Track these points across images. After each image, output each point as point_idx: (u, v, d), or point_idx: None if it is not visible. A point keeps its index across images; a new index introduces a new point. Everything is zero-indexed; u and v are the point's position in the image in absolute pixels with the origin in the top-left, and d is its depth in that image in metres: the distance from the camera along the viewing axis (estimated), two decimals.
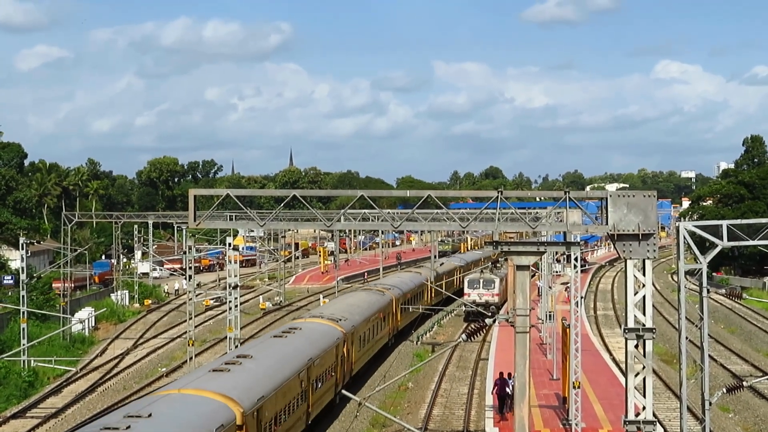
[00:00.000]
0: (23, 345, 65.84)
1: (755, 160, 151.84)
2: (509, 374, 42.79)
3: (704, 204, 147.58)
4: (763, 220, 33.42)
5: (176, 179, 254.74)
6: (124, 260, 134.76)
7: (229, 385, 33.43)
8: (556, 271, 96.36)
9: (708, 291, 31.63)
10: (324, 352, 46.62)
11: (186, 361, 63.62)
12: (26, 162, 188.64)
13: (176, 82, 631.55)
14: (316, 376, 44.40)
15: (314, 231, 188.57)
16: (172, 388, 33.78)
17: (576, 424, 40.42)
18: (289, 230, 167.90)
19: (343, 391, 36.51)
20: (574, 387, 40.74)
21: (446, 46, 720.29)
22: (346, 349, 52.34)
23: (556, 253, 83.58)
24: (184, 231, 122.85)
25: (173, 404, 30.69)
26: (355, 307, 61.01)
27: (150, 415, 28.08)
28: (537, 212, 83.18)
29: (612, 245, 29.40)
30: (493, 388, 45.66)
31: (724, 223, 31.55)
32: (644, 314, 28.51)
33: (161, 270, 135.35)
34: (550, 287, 66.27)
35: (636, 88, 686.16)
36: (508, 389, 43.54)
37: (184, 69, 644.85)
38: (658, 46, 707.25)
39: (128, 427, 26.72)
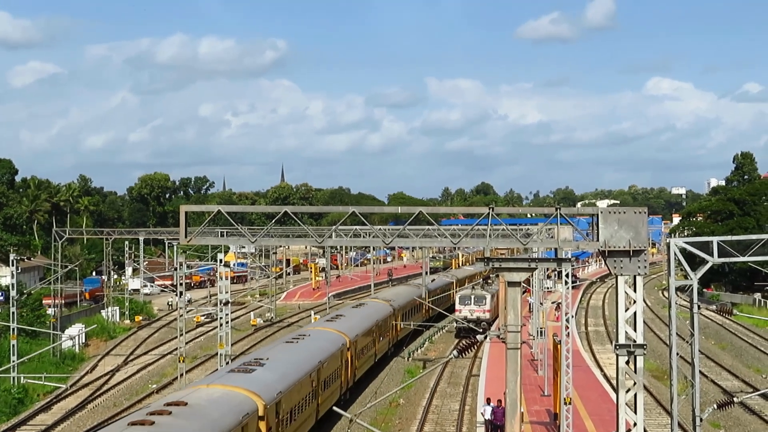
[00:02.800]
0: (13, 362, 65.65)
1: (746, 176, 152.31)
2: None
3: (694, 220, 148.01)
4: (753, 237, 33.57)
5: (167, 195, 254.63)
6: (115, 277, 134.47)
7: (340, 327, 58.24)
8: (548, 287, 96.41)
9: (699, 307, 31.71)
10: (384, 318, 71.44)
11: (177, 377, 63.49)
12: (17, 178, 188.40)
13: (171, 98, 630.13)
14: (379, 333, 68.80)
15: (305, 247, 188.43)
16: (309, 327, 61.43)
17: None
18: (281, 246, 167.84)
19: (334, 408, 36.49)
20: (565, 403, 40.74)
21: (440, 62, 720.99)
22: (394, 320, 75.58)
23: (548, 269, 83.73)
24: (175, 247, 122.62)
25: (316, 334, 54.70)
26: (400, 294, 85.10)
27: (310, 335, 53.02)
28: (528, 228, 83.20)
29: (603, 261, 29.45)
30: (491, 417, 44.61)
31: (715, 239, 31.68)
32: (635, 330, 28.55)
33: (152, 286, 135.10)
34: (541, 303, 66.31)
35: (629, 104, 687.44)
36: None
37: (179, 85, 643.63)
38: (652, 63, 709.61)
39: (303, 339, 51.56)
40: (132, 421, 29.40)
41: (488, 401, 45.49)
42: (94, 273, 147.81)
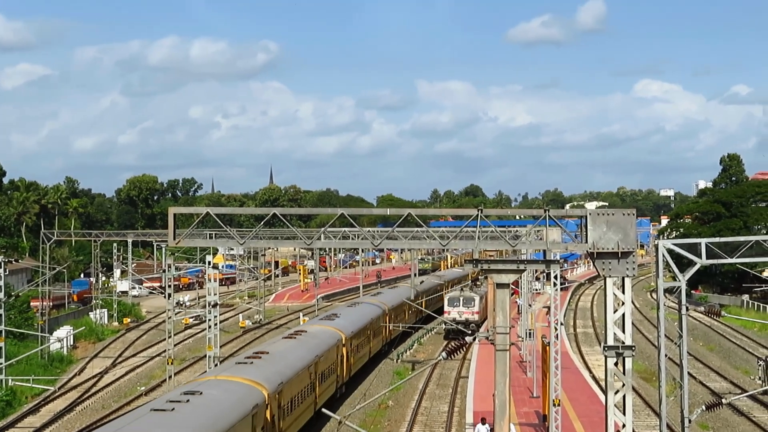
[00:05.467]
0: (1, 364, 65.39)
1: (733, 178, 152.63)
2: None
3: (682, 221, 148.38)
4: (741, 238, 33.65)
5: (155, 197, 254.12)
6: (103, 279, 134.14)
7: (381, 300, 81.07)
8: (536, 289, 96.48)
9: (687, 309, 31.78)
10: (409, 297, 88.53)
11: (165, 379, 63.36)
12: (5, 180, 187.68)
13: (162, 100, 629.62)
14: (408, 308, 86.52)
15: (294, 249, 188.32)
16: (360, 299, 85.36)
17: None
18: (269, 248, 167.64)
19: (323, 410, 36.46)
20: (554, 405, 40.79)
21: (431, 65, 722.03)
22: (420, 300, 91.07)
23: (536, 271, 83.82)
24: (163, 249, 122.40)
25: (365, 304, 76.51)
26: (428, 281, 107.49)
27: (362, 303, 76.71)
28: (517, 230, 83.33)
29: (591, 263, 29.49)
30: None
31: (703, 241, 31.74)
32: (624, 332, 28.60)
33: (140, 288, 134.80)
34: (530, 305, 66.36)
35: (619, 107, 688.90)
36: None
37: (170, 87, 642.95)
38: (642, 65, 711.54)
39: (359, 305, 74.98)
40: (274, 345, 50.29)
41: (483, 421, 44.24)
42: (82, 275, 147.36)
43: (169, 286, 67.67)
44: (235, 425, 32.81)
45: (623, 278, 28.68)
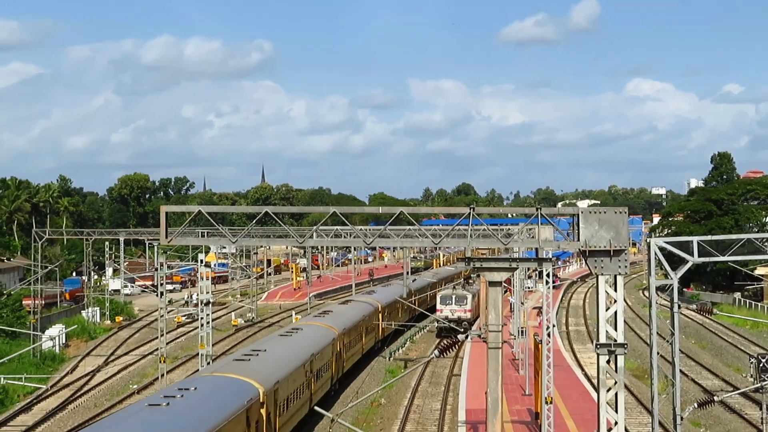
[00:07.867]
0: None
1: (724, 176, 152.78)
2: None
3: (674, 219, 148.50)
4: (733, 236, 33.75)
5: (147, 196, 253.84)
6: (95, 277, 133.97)
7: (407, 283, 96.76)
8: (528, 287, 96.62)
9: (679, 306, 31.85)
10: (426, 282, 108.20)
11: (158, 378, 63.30)
12: None
13: (155, 99, 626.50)
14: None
15: (286, 247, 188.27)
16: (390, 282, 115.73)
17: None
18: (261, 247, 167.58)
19: (316, 407, 36.47)
20: (546, 402, 40.81)
21: (423, 64, 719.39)
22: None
23: (528, 269, 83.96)
24: (155, 248, 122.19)
25: (390, 285, 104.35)
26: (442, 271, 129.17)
27: (392, 283, 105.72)
28: (509, 229, 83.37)
29: (584, 261, 29.54)
30: None
31: (695, 239, 31.83)
32: (616, 330, 28.65)
33: (132, 287, 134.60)
34: (522, 303, 66.41)
35: (611, 106, 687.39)
36: None
37: (163, 86, 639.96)
38: (634, 65, 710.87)
39: (391, 285, 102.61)
40: (335, 307, 72.91)
41: None
42: (74, 273, 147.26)
43: (162, 284, 67.57)
44: (323, 348, 53.55)
45: (615, 276, 28.72)
